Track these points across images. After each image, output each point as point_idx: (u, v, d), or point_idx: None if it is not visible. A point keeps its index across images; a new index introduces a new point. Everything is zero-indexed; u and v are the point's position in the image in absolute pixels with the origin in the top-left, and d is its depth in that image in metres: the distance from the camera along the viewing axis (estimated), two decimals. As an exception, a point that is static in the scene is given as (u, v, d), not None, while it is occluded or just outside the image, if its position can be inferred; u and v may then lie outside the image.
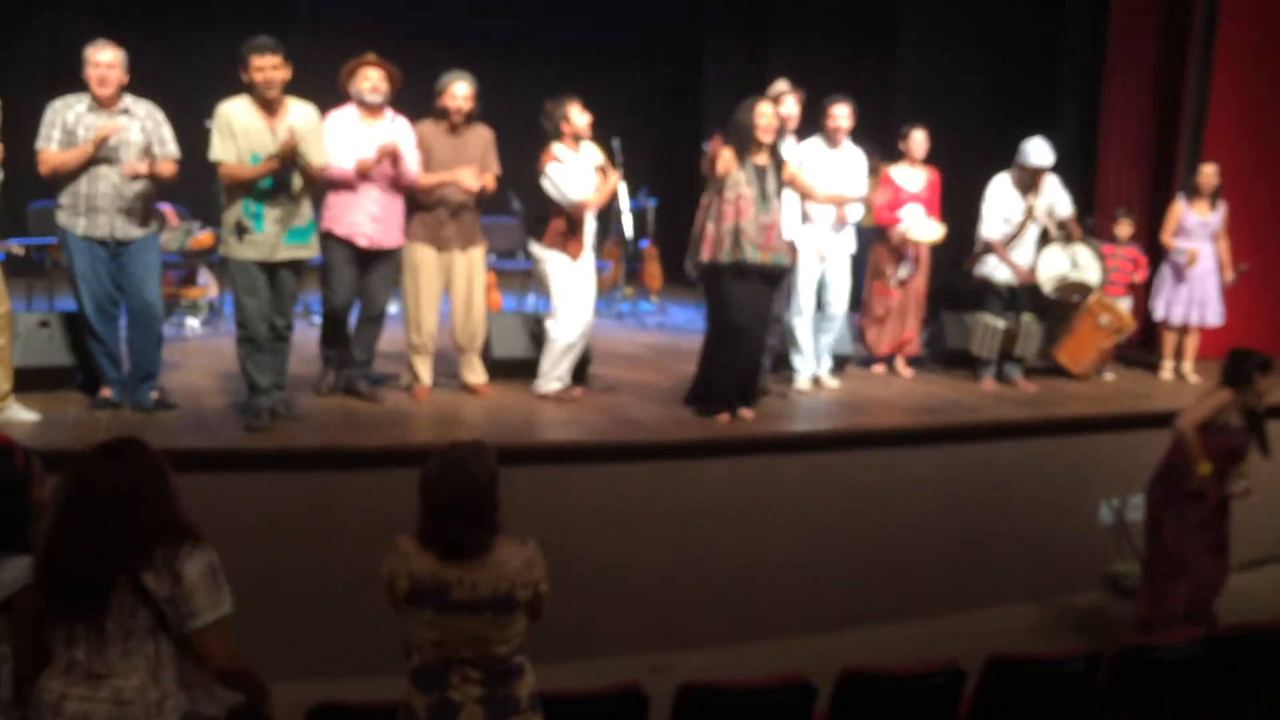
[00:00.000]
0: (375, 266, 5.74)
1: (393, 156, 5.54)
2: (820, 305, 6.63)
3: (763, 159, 5.57)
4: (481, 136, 5.94)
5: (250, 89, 5.08)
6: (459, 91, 5.79)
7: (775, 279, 5.78)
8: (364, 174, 5.52)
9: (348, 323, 5.85)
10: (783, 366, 6.73)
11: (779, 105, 5.93)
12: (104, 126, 5.03)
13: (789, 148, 6.16)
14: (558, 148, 5.91)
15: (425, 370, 6.03)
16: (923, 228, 6.98)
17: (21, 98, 7.77)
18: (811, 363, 6.68)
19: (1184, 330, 7.52)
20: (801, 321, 6.59)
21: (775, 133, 5.59)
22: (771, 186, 5.56)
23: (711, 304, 5.76)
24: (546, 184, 5.88)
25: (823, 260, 6.53)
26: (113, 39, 5.17)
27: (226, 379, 6.05)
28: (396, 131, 5.69)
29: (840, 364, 7.01)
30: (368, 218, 5.62)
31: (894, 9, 10.03)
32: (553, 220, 5.95)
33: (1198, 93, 8.08)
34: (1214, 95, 8.02)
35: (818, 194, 6.16)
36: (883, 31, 10.09)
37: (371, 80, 5.60)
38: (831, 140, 6.52)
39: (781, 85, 6.21)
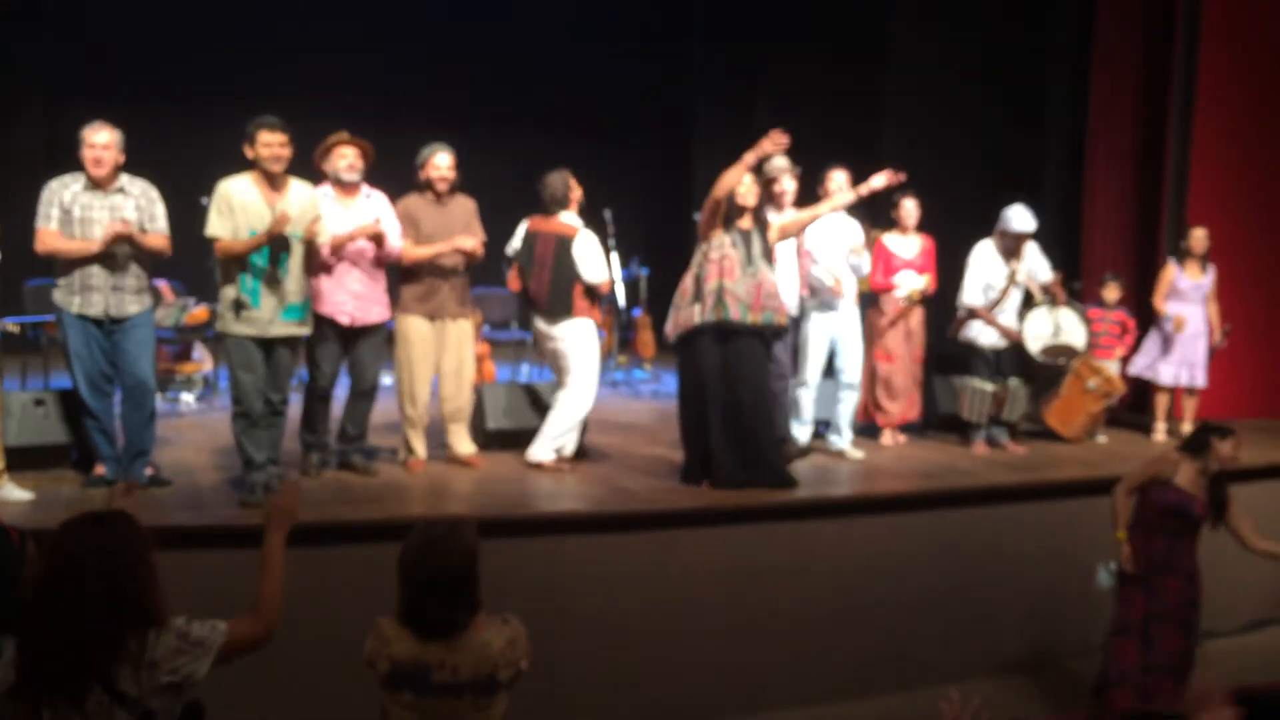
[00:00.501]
0: (360, 342, 5.77)
1: (377, 238, 5.61)
2: (834, 373, 6.66)
3: (746, 223, 5.68)
4: (465, 206, 6.02)
5: (254, 165, 5.16)
6: (441, 163, 5.87)
7: (768, 339, 5.75)
8: (338, 251, 5.56)
9: (330, 402, 5.86)
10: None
11: (777, 183, 6.17)
12: (112, 225, 5.09)
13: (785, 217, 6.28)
14: (567, 215, 6.04)
15: (419, 443, 6.03)
16: (908, 280, 6.97)
17: (19, 176, 7.91)
18: (808, 432, 6.68)
19: (1176, 392, 7.57)
20: (806, 392, 6.61)
21: (758, 197, 5.71)
22: (757, 249, 5.64)
23: (687, 365, 5.70)
24: (585, 256, 5.96)
25: (839, 298, 6.57)
26: (109, 119, 5.25)
27: (220, 455, 6.05)
28: (374, 206, 5.76)
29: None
30: (350, 295, 5.66)
31: (878, 82, 10.21)
32: (579, 290, 6.03)
33: (1179, 157, 8.23)
34: (1194, 160, 8.17)
35: (820, 208, 6.06)
36: (867, 104, 10.27)
37: (348, 158, 5.67)
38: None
39: (780, 163, 6.30)
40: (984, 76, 9.61)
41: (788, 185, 6.32)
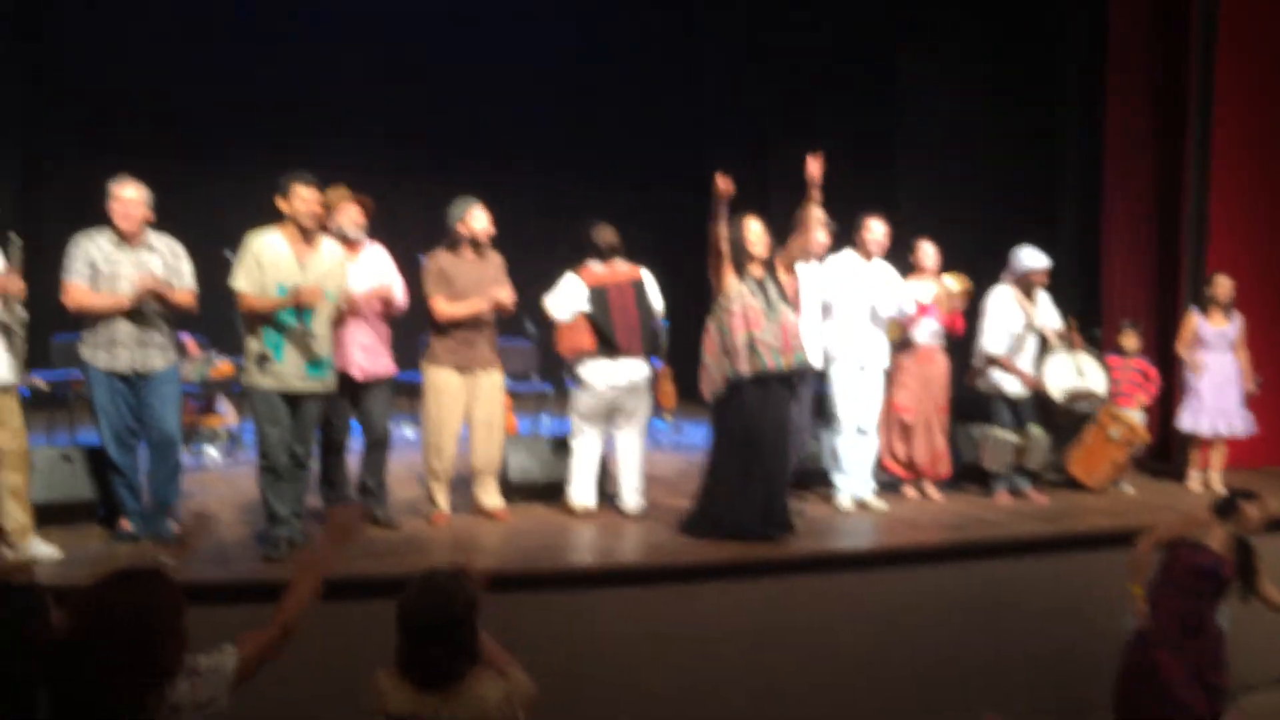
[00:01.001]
0: (369, 394, 5.82)
1: (385, 299, 5.69)
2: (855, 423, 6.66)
3: (758, 271, 5.74)
4: (495, 261, 6.08)
5: (286, 219, 5.21)
6: (480, 216, 5.94)
7: (793, 383, 5.79)
8: (354, 310, 5.62)
9: (345, 455, 5.89)
10: (810, 482, 6.72)
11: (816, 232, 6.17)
12: (143, 280, 5.16)
13: (816, 269, 6.38)
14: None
15: (443, 496, 6.04)
16: (949, 281, 6.88)
17: (46, 232, 8.00)
18: (853, 481, 6.66)
19: (1211, 441, 7.52)
20: (843, 440, 6.61)
21: (768, 246, 5.77)
22: (774, 293, 5.71)
23: (726, 418, 5.72)
24: (655, 293, 6.23)
25: (861, 370, 6.58)
26: (136, 174, 5.33)
27: (244, 509, 6.07)
28: (375, 260, 5.84)
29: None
30: (359, 349, 5.72)
31: (892, 127, 10.28)
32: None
33: (1197, 202, 8.22)
34: (1213, 204, 8.16)
35: (798, 236, 5.91)
36: (881, 148, 10.33)
37: (351, 214, 5.75)
38: (864, 253, 6.64)
39: (819, 214, 6.30)
40: (996, 118, 9.67)
41: (821, 238, 6.36)
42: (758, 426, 5.59)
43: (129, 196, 5.23)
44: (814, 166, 5.65)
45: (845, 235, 6.75)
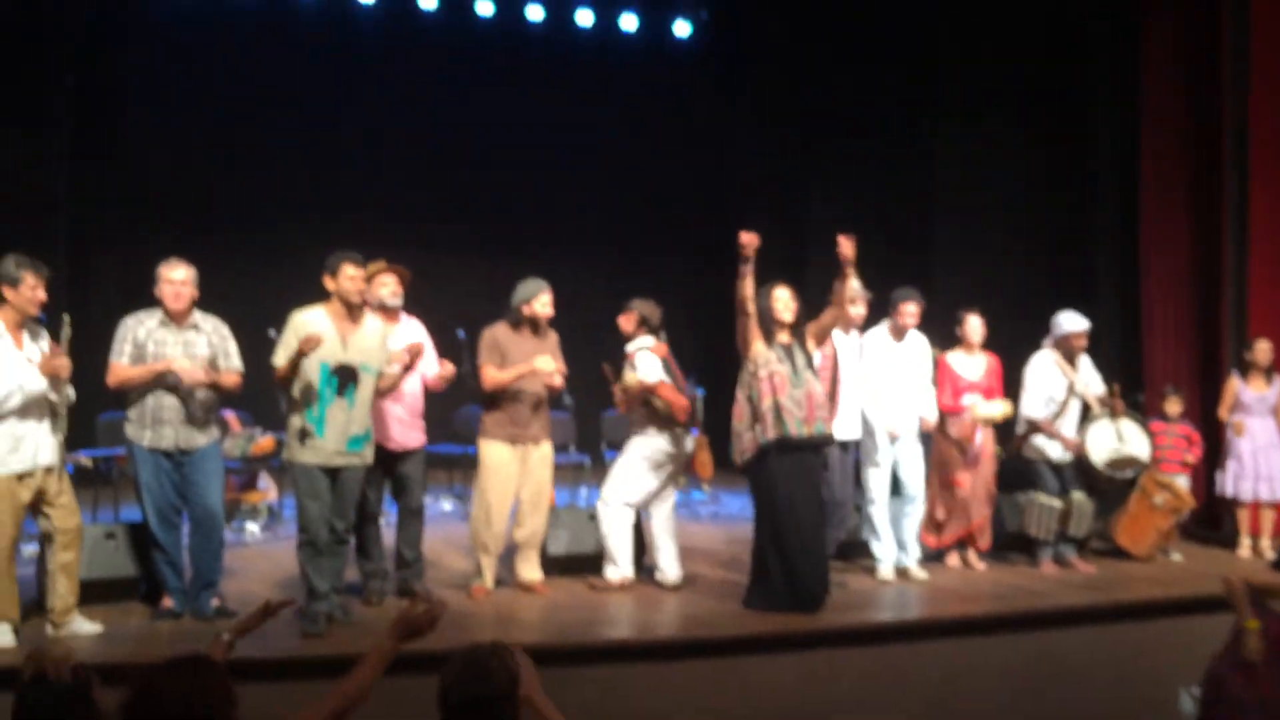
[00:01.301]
0: (404, 464, 5.88)
1: (414, 354, 5.74)
2: (896, 488, 6.60)
3: (785, 337, 5.79)
4: (552, 339, 6.17)
5: (332, 297, 5.31)
6: (546, 299, 6.05)
7: (821, 450, 5.81)
8: (396, 385, 5.70)
9: (380, 526, 5.92)
10: (852, 554, 6.65)
11: (852, 305, 6.21)
12: (168, 362, 5.24)
13: (853, 340, 6.41)
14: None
15: (490, 569, 6.05)
16: (987, 406, 6.82)
17: (94, 312, 8.17)
18: (892, 550, 6.60)
19: (1257, 506, 7.40)
20: (877, 509, 6.56)
21: (795, 313, 5.82)
22: (800, 361, 5.74)
23: (760, 486, 5.73)
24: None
25: (895, 440, 6.54)
26: (181, 254, 5.45)
27: (284, 585, 6.08)
28: (412, 333, 5.95)
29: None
30: (395, 420, 5.79)
31: (928, 195, 10.32)
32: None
33: (1236, 265, 8.16)
34: (1253, 269, 8.10)
35: (831, 311, 5.95)
36: (917, 215, 10.37)
37: (389, 285, 5.86)
38: (897, 333, 6.65)
39: (852, 287, 6.32)
40: (1031, 185, 9.69)
41: (860, 309, 6.39)
42: (788, 495, 5.60)
43: (179, 278, 5.34)
44: (846, 246, 5.70)
45: (880, 306, 6.75)
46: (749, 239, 5.61)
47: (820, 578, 5.68)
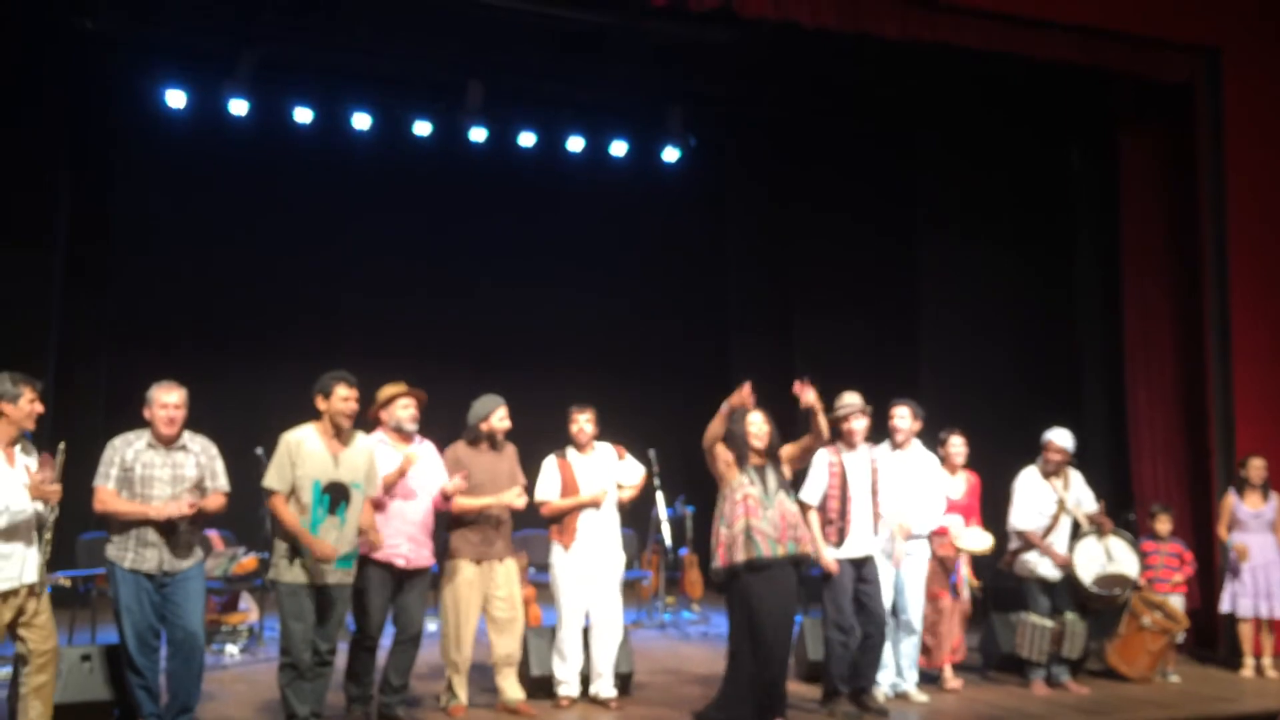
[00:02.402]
0: (409, 587, 5.78)
1: (403, 470, 5.71)
2: (895, 613, 6.50)
3: (759, 460, 5.81)
4: (510, 453, 6.16)
5: (322, 416, 5.32)
6: (502, 413, 6.05)
7: (796, 569, 5.76)
8: (390, 490, 5.66)
9: (376, 652, 5.79)
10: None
11: (846, 422, 6.23)
12: (166, 509, 5.17)
13: (862, 455, 6.35)
14: (569, 449, 6.28)
15: (463, 688, 5.97)
16: (971, 538, 6.83)
17: (79, 430, 8.14)
18: (890, 673, 6.50)
19: (1259, 624, 7.31)
20: None
21: (768, 437, 5.84)
22: (773, 483, 5.75)
23: (733, 605, 5.74)
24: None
25: (898, 566, 6.47)
26: (169, 374, 5.43)
27: (263, 710, 5.94)
28: (424, 454, 5.91)
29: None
30: (405, 539, 5.72)
31: (913, 313, 10.44)
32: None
33: (1221, 383, 8.22)
34: (1238, 385, 8.16)
35: (804, 440, 5.93)
36: (902, 334, 10.47)
37: (411, 410, 5.86)
38: (896, 444, 6.62)
39: (851, 402, 6.33)
40: (1016, 301, 9.82)
41: (857, 425, 6.32)
42: (755, 613, 5.57)
43: (173, 401, 5.30)
44: (804, 395, 5.68)
45: (879, 421, 6.73)
46: (746, 396, 5.71)
47: (770, 691, 5.60)
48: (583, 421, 6.28)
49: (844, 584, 6.09)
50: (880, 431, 6.67)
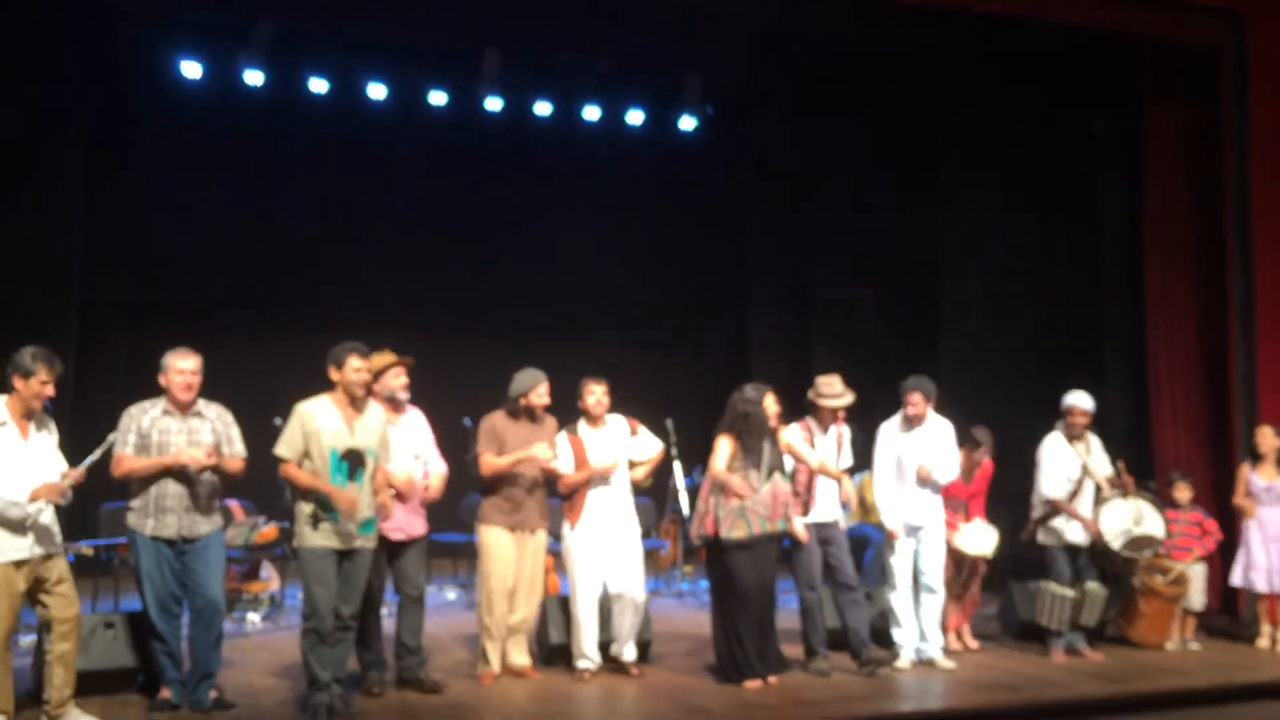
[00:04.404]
0: (406, 553, 5.84)
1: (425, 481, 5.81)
2: (915, 578, 6.53)
3: (757, 442, 5.98)
4: (549, 425, 6.18)
5: (336, 387, 5.34)
6: (543, 389, 6.10)
7: (780, 541, 6.08)
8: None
9: (380, 616, 5.86)
10: (881, 641, 6.61)
11: (827, 400, 6.41)
12: (180, 453, 5.23)
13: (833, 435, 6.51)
14: (580, 423, 6.24)
15: (495, 655, 6.03)
16: (973, 540, 6.89)
17: (98, 400, 8.19)
18: (914, 638, 6.52)
19: (1274, 597, 7.26)
20: (898, 596, 6.51)
21: (777, 417, 6.07)
22: (768, 463, 5.96)
23: (719, 576, 5.97)
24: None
25: (917, 530, 6.50)
26: (187, 342, 5.47)
27: (285, 676, 5.99)
28: (416, 425, 5.96)
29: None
30: (399, 510, 5.73)
31: (934, 280, 10.39)
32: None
33: (1244, 353, 8.14)
34: (1261, 355, 8.08)
35: (811, 462, 6.25)
36: (923, 300, 10.43)
37: (403, 378, 5.89)
38: (906, 423, 6.62)
39: (825, 384, 6.49)
40: (1038, 274, 9.73)
41: (837, 403, 6.45)
42: (744, 585, 5.85)
43: (189, 367, 5.35)
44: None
45: (890, 390, 6.73)
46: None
47: (763, 654, 5.91)
48: (599, 394, 6.25)
49: (811, 548, 6.30)
50: (894, 406, 6.68)
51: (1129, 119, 9.01)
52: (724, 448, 5.98)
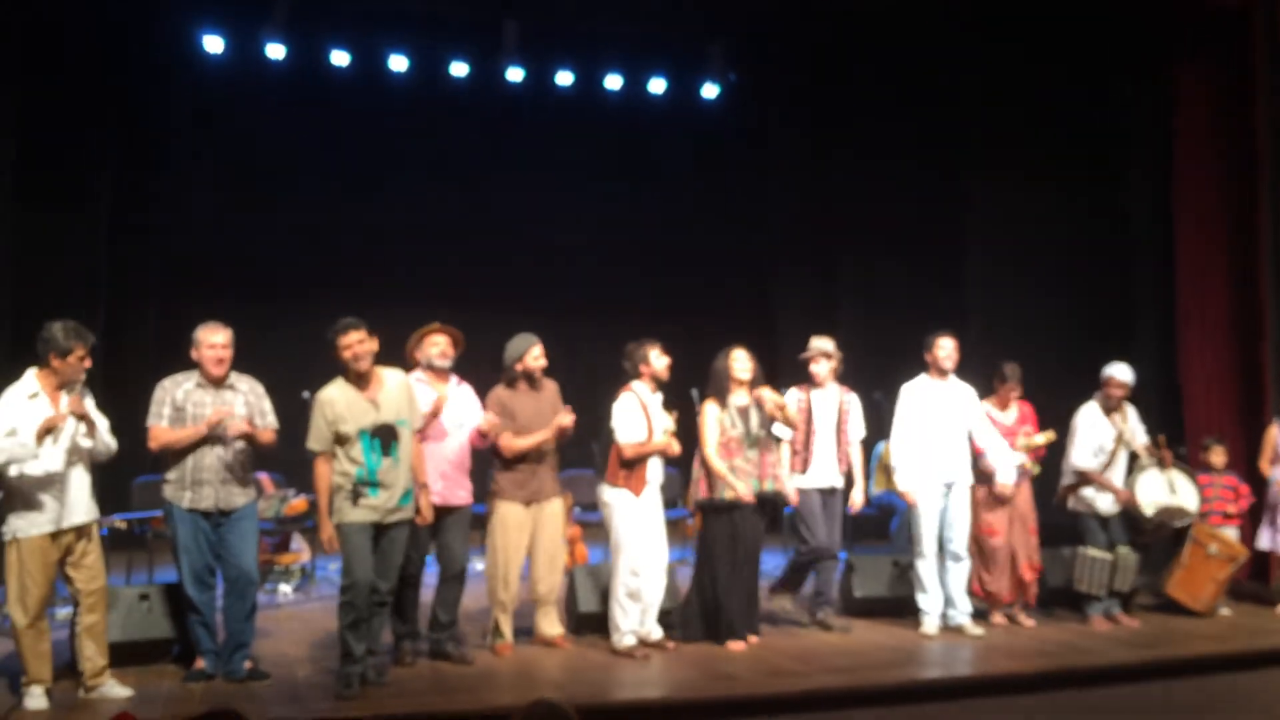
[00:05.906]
0: (448, 524, 5.81)
1: (435, 412, 5.69)
2: (941, 545, 6.51)
3: (743, 400, 6.12)
4: (551, 389, 6.16)
5: (342, 368, 5.27)
6: (537, 352, 6.04)
7: (771, 506, 6.23)
8: (425, 430, 5.63)
9: (419, 589, 5.85)
10: (904, 610, 6.64)
11: (814, 362, 6.57)
12: (219, 410, 5.28)
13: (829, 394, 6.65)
14: (637, 385, 6.10)
15: (508, 626, 6.04)
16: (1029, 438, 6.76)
17: (129, 376, 8.23)
18: (939, 603, 6.52)
19: None
20: (924, 563, 6.51)
21: (753, 373, 6.14)
22: (755, 423, 6.07)
23: (708, 537, 6.12)
24: (614, 418, 6.04)
25: (946, 490, 6.50)
26: (217, 317, 5.49)
27: (317, 646, 6.03)
28: (462, 396, 5.93)
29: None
30: (438, 475, 5.73)
31: (960, 247, 10.30)
32: (611, 455, 6.05)
33: (1276, 315, 8.02)
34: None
35: (798, 423, 6.42)
36: (950, 269, 10.34)
37: (440, 346, 5.87)
38: (937, 373, 6.59)
39: (820, 346, 6.62)
40: (1067, 239, 9.60)
41: (817, 368, 6.59)
42: (730, 546, 6.02)
43: (220, 341, 5.39)
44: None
45: (917, 356, 6.70)
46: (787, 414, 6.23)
47: (743, 615, 6.06)
48: (667, 361, 6.14)
49: (812, 508, 6.46)
50: (919, 364, 6.66)
51: (1159, 83, 8.87)
52: (710, 411, 6.09)
